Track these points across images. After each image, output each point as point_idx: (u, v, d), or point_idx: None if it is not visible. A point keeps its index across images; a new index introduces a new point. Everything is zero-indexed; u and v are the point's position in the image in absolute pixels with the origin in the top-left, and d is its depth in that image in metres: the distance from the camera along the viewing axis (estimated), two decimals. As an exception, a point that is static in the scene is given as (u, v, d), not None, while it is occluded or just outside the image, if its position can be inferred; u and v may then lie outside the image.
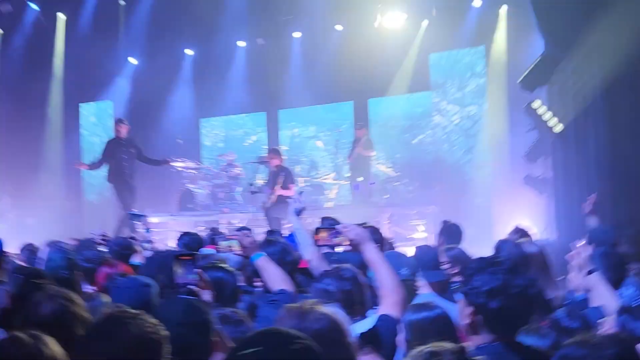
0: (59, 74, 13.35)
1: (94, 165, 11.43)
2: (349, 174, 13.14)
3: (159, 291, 3.12)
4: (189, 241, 5.26)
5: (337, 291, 3.02)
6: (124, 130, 11.01)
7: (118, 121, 11.34)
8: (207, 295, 2.91)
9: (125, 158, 10.83)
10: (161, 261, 4.33)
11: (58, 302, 2.76)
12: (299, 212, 4.54)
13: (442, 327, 2.75)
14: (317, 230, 3.38)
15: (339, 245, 3.39)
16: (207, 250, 4.85)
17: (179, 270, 2.83)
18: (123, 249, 5.17)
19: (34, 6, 13.34)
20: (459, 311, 2.46)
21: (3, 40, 13.58)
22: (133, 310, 2.17)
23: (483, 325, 2.34)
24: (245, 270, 4.07)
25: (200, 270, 2.93)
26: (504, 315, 2.31)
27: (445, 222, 5.59)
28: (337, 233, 3.28)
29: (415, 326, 2.75)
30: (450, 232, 5.41)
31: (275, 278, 3.60)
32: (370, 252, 3.22)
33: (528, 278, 2.39)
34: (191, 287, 2.80)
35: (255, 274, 3.81)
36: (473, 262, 2.55)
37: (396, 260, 3.48)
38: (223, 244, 4.55)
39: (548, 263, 4.35)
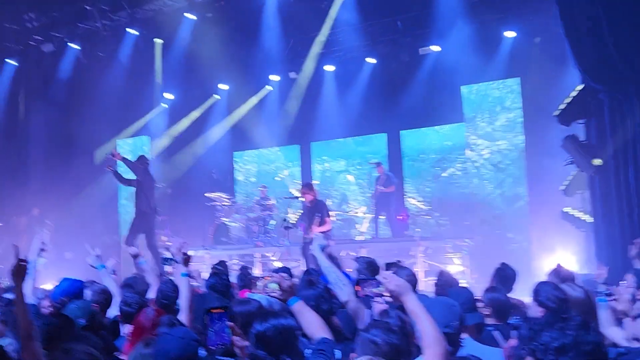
0: (98, 110, 13.62)
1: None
2: (373, 208, 13.11)
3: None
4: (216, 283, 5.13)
5: (384, 344, 2.92)
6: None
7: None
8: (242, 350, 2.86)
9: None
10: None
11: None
12: (324, 249, 4.41)
13: None
14: (358, 281, 3.33)
15: (379, 295, 3.34)
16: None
17: (211, 327, 2.76)
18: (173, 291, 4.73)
19: (74, 46, 13.77)
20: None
21: (45, 78, 14.00)
22: None
23: None
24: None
25: (232, 324, 2.86)
26: None
27: (502, 266, 5.30)
28: (378, 283, 3.22)
29: None
30: (504, 277, 5.17)
31: (313, 324, 3.52)
32: (411, 302, 3.11)
33: (600, 334, 2.26)
34: (226, 344, 2.74)
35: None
36: (541, 318, 2.41)
37: (446, 311, 3.35)
38: (259, 285, 4.43)
39: (594, 309, 4.11)
